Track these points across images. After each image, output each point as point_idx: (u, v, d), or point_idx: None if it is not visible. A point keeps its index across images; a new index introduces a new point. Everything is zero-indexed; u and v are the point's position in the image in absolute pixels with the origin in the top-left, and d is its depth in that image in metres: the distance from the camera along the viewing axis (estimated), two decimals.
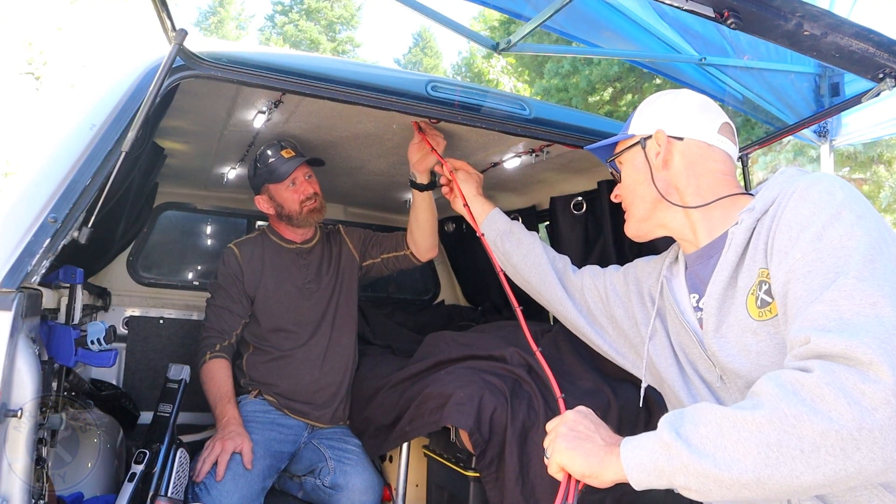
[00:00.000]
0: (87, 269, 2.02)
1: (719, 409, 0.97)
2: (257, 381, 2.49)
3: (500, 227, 1.84)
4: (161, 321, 3.25)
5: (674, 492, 1.45)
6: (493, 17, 16.81)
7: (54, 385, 1.57)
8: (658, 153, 1.38)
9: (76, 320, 1.81)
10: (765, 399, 0.94)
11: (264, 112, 2.11)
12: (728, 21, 1.23)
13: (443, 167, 2.05)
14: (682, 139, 1.38)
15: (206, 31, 30.11)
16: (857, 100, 1.70)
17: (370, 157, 2.63)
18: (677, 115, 1.40)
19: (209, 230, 3.61)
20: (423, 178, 2.29)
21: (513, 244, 1.79)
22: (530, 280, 1.74)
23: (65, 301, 1.83)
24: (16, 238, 1.36)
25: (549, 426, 1.26)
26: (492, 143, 2.34)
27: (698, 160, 1.37)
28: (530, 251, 1.76)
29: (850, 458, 0.87)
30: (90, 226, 1.46)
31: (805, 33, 1.27)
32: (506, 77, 18.27)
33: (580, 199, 2.74)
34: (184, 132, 2.40)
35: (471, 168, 2.05)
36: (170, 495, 1.85)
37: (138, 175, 2.28)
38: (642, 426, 1.97)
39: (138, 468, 1.87)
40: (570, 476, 1.14)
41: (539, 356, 1.53)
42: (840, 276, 0.98)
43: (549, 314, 3.10)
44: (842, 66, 1.42)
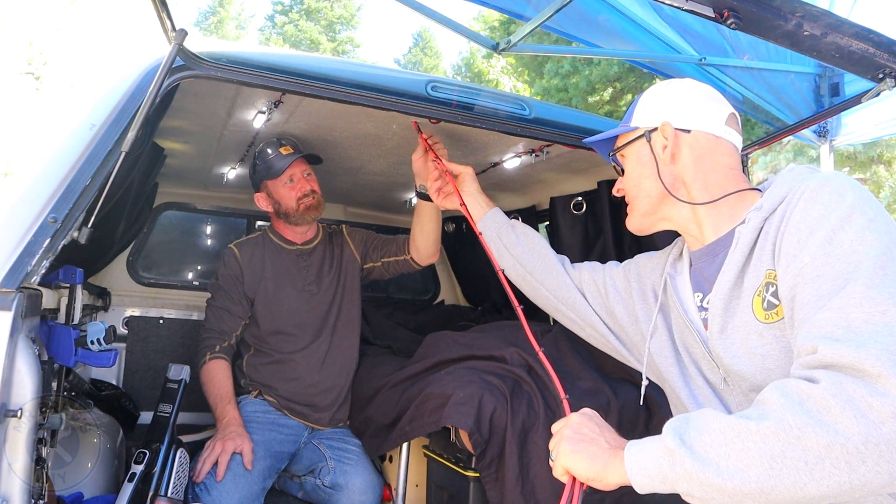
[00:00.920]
0: (87, 269, 2.02)
1: (724, 418, 0.96)
2: (257, 382, 2.49)
3: (503, 220, 1.81)
4: (161, 321, 3.25)
5: (674, 493, 1.44)
6: (493, 17, 16.81)
7: (54, 385, 1.57)
8: (665, 146, 1.33)
9: (76, 320, 1.81)
10: (770, 409, 0.93)
11: (264, 112, 2.11)
12: (728, 21, 1.23)
13: (442, 168, 2.02)
14: (689, 131, 1.33)
15: (206, 31, 30.11)
16: (856, 100, 1.70)
17: (370, 157, 2.63)
18: (684, 106, 1.34)
19: (209, 230, 3.61)
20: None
21: (517, 235, 1.76)
22: (535, 271, 1.69)
23: (65, 301, 1.83)
24: (16, 238, 1.36)
25: (555, 428, 1.24)
26: (492, 143, 2.34)
27: (706, 153, 1.32)
28: (535, 243, 1.73)
29: (856, 471, 0.86)
30: (90, 226, 1.45)
31: (805, 33, 1.27)
32: (506, 77, 18.29)
33: (580, 199, 2.74)
34: (184, 132, 2.40)
35: (469, 169, 2.01)
36: (170, 495, 1.85)
37: (138, 175, 2.28)
38: (642, 426, 1.97)
39: (138, 468, 1.87)
40: (574, 479, 1.14)
41: (542, 356, 1.52)
42: (850, 283, 0.96)
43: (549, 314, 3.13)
44: (842, 66, 1.42)
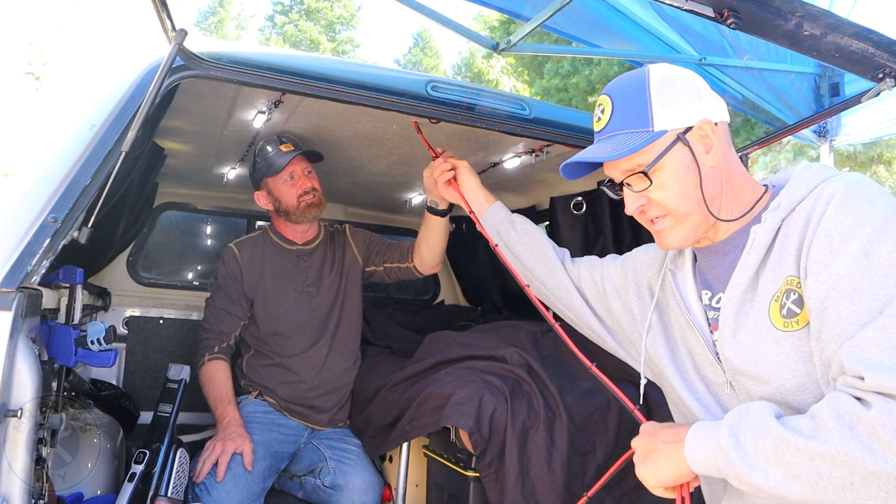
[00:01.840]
0: (87, 269, 2.02)
1: (778, 428, 0.99)
2: (257, 383, 2.48)
3: (503, 217, 1.78)
4: (161, 321, 3.25)
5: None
6: (493, 17, 16.81)
7: (54, 385, 1.57)
8: (711, 146, 1.20)
9: (76, 320, 1.81)
10: (821, 428, 0.95)
11: (264, 112, 2.11)
12: (728, 21, 1.23)
13: (441, 162, 1.97)
14: (717, 124, 1.21)
15: (206, 31, 30.11)
16: (856, 100, 1.70)
17: (370, 157, 2.63)
18: (704, 95, 1.22)
19: (209, 230, 3.61)
20: (443, 205, 2.23)
21: (518, 233, 1.73)
22: (535, 269, 1.67)
23: (65, 301, 1.83)
24: (16, 238, 1.37)
25: (634, 441, 1.26)
26: (492, 143, 2.35)
27: (727, 146, 1.23)
28: (536, 240, 1.70)
29: None
30: (90, 226, 1.46)
31: (805, 33, 1.27)
32: (506, 77, 18.28)
33: (580, 199, 2.74)
34: (184, 132, 2.40)
35: (465, 162, 1.97)
36: (170, 495, 1.85)
37: (138, 175, 2.28)
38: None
39: (138, 468, 1.87)
40: (681, 487, 1.18)
41: (597, 370, 1.46)
42: (893, 301, 0.96)
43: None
44: (842, 66, 1.42)
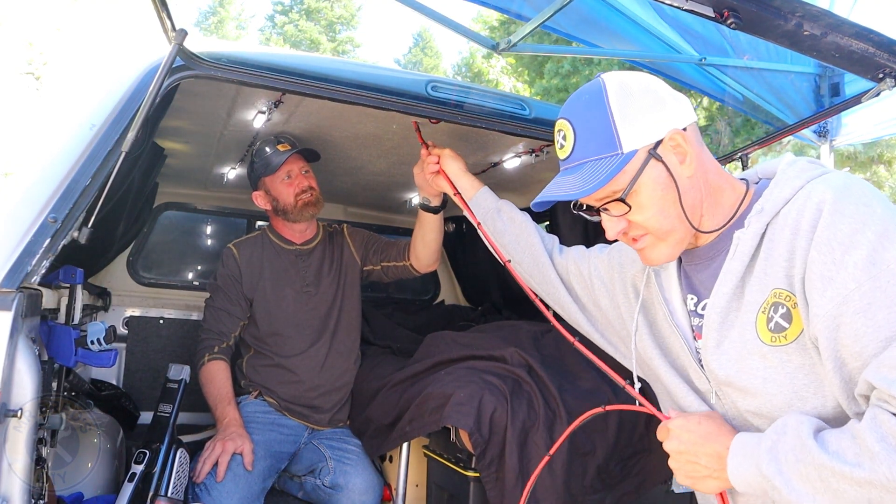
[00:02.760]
0: (87, 269, 2.02)
1: (820, 455, 0.96)
2: (257, 384, 2.48)
3: (490, 205, 1.73)
4: (161, 321, 3.25)
5: (674, 493, 1.44)
6: (493, 17, 16.82)
7: (54, 385, 1.58)
8: (685, 156, 1.14)
9: (76, 320, 1.81)
10: (866, 453, 0.92)
11: (264, 112, 2.11)
12: (728, 21, 1.22)
13: (428, 151, 1.96)
14: (686, 128, 1.15)
15: (206, 31, 30.11)
16: (857, 100, 1.70)
17: (370, 157, 2.63)
18: (666, 101, 1.16)
19: (209, 230, 3.61)
20: (436, 201, 2.23)
21: (504, 223, 1.67)
22: (522, 261, 1.62)
23: (65, 301, 1.83)
24: (16, 238, 1.37)
25: (666, 445, 1.19)
26: (492, 143, 2.34)
27: (699, 148, 1.17)
28: (523, 230, 1.64)
29: None
30: (90, 226, 1.46)
31: (805, 33, 1.27)
32: (506, 77, 18.28)
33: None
34: (184, 132, 2.40)
35: (447, 150, 1.93)
36: (170, 495, 1.85)
37: (138, 175, 2.28)
38: (642, 426, 1.97)
39: (138, 468, 1.87)
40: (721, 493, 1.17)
41: (621, 381, 1.33)
42: None
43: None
44: (842, 66, 1.42)
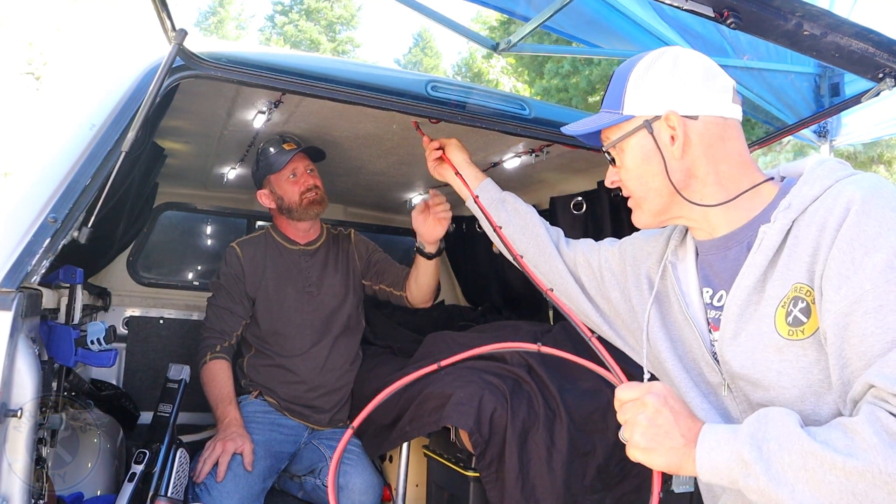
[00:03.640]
0: (87, 269, 2.01)
1: (808, 442, 0.93)
2: (257, 383, 2.48)
3: (494, 196, 1.71)
4: (161, 321, 3.25)
5: (675, 493, 1.43)
6: (493, 17, 16.82)
7: (54, 385, 1.57)
8: (674, 138, 1.16)
9: (76, 320, 1.81)
10: (859, 447, 0.89)
11: (264, 112, 2.11)
12: (728, 21, 1.22)
13: (430, 143, 1.89)
14: (696, 118, 1.16)
15: (206, 31, 30.12)
16: (856, 100, 1.70)
17: (370, 157, 2.63)
18: (687, 87, 1.17)
19: (209, 230, 3.61)
20: (430, 248, 2.33)
21: (508, 213, 1.65)
22: (527, 252, 1.59)
23: (65, 301, 1.83)
24: (16, 238, 1.36)
25: (625, 409, 1.08)
26: (492, 143, 2.34)
27: (716, 141, 1.17)
28: (528, 221, 1.62)
29: None
30: (90, 226, 1.46)
31: (805, 33, 1.27)
32: (506, 77, 18.29)
33: (580, 199, 2.74)
34: (184, 132, 2.40)
35: (454, 140, 1.88)
36: (170, 495, 1.85)
37: (138, 175, 2.28)
38: None
39: (138, 468, 1.87)
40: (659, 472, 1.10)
41: (597, 344, 1.29)
42: None
43: (549, 314, 3.13)
44: (842, 66, 1.42)
